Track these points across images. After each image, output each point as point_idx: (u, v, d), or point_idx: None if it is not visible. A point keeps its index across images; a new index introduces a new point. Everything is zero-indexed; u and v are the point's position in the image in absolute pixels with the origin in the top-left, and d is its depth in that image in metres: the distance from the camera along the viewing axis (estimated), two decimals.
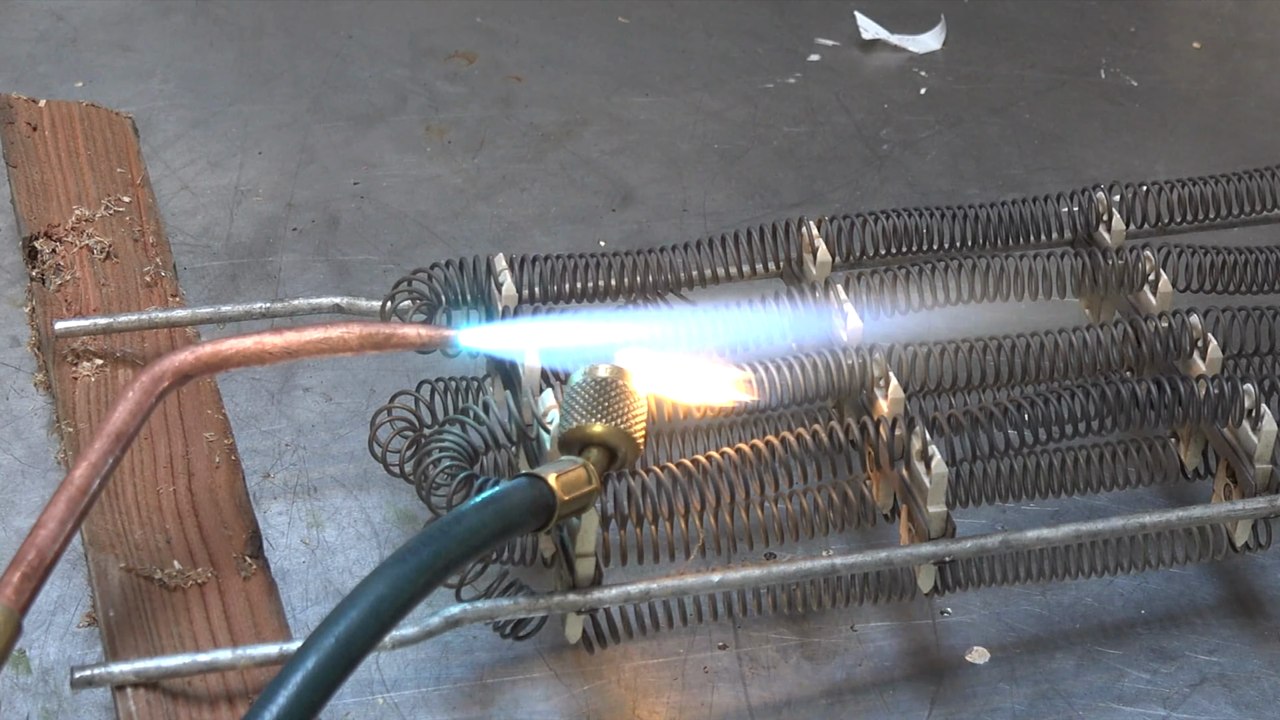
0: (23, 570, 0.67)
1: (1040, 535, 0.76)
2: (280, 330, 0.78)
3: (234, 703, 0.70)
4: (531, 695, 0.75)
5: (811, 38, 1.25)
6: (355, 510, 0.83)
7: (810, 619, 0.79)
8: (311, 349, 0.78)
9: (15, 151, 0.99)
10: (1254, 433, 0.77)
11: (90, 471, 0.71)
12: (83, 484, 0.70)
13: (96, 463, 0.71)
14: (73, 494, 0.70)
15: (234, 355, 0.77)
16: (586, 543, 0.71)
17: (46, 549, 0.68)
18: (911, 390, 0.79)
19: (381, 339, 0.79)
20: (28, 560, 0.67)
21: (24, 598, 0.67)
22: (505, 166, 1.10)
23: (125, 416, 0.73)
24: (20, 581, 0.67)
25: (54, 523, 0.69)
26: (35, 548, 0.68)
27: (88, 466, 0.71)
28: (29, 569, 0.67)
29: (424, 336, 0.79)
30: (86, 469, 0.71)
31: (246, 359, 0.77)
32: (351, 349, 0.78)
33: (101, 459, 0.71)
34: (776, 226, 0.86)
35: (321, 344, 0.78)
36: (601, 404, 0.70)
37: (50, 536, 0.68)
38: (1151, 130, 1.18)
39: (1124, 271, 0.86)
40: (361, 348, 0.78)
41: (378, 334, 0.79)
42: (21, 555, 0.67)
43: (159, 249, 0.94)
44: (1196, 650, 0.79)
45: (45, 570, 0.68)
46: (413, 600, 0.62)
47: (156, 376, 0.74)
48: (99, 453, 0.71)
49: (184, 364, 0.75)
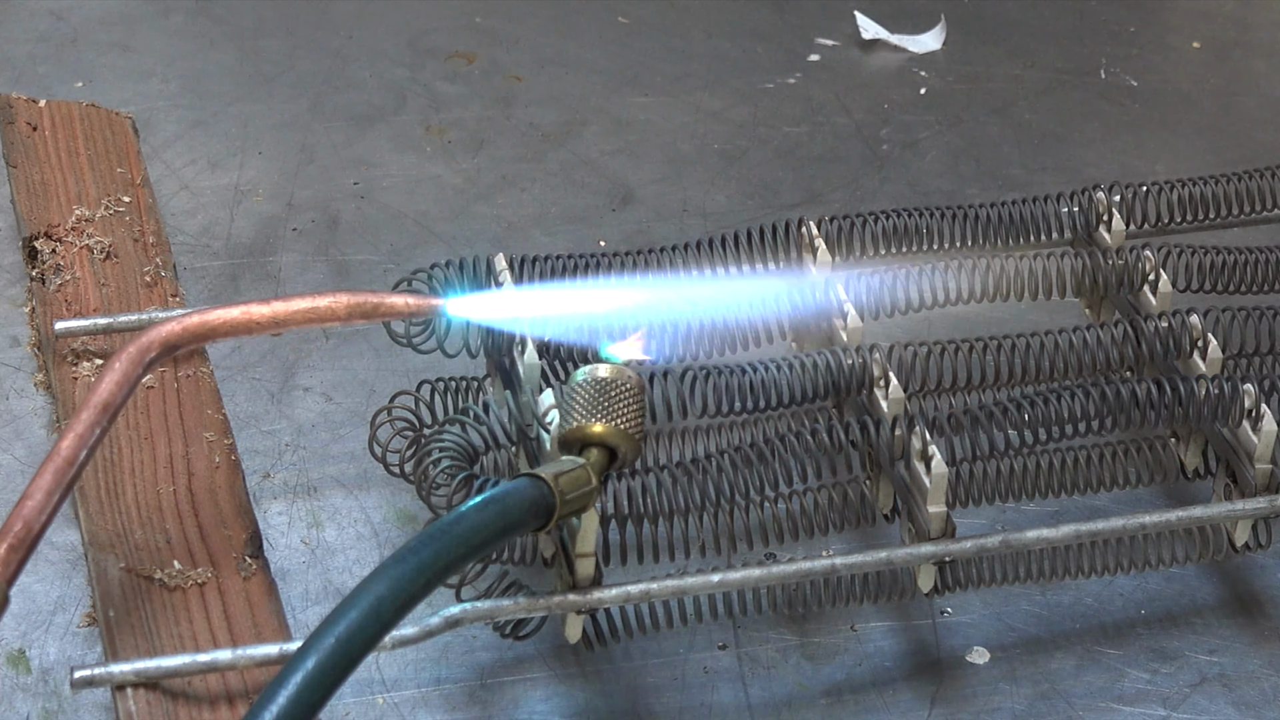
0: (9, 542, 0.66)
1: (1040, 535, 0.76)
2: (268, 300, 0.77)
3: (234, 703, 0.70)
4: (531, 695, 0.75)
5: (811, 38, 1.25)
6: (355, 510, 0.83)
7: (810, 619, 0.79)
8: (300, 319, 0.77)
9: (15, 151, 0.99)
10: (1254, 433, 0.77)
11: (77, 443, 0.70)
12: (69, 455, 0.70)
13: (83, 434, 0.70)
14: (59, 465, 0.69)
15: (221, 325, 0.76)
16: (586, 543, 0.71)
17: (34, 520, 0.67)
18: (911, 390, 0.79)
19: (370, 308, 0.78)
20: (14, 532, 0.67)
21: (10, 569, 0.66)
22: (505, 166, 1.10)
23: (111, 387, 0.72)
24: (6, 553, 0.66)
25: (40, 494, 0.68)
26: (22, 519, 0.67)
27: (74, 438, 0.70)
28: (15, 540, 0.67)
29: (412, 305, 0.78)
30: (73, 440, 0.70)
31: (234, 329, 0.76)
32: (340, 318, 0.77)
33: (88, 430, 0.70)
34: (776, 226, 0.86)
35: (310, 313, 0.77)
36: (601, 404, 0.70)
37: (37, 508, 0.68)
38: (1151, 130, 1.18)
39: (1124, 271, 0.86)
40: (350, 317, 0.77)
41: (365, 303, 0.77)
42: (8, 527, 0.67)
43: (159, 249, 0.94)
44: (1196, 650, 0.79)
45: (32, 542, 0.67)
46: (413, 600, 0.62)
47: (143, 347, 0.74)
48: (85, 424, 0.71)
49: (171, 334, 0.75)
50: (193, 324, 0.75)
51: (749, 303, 0.81)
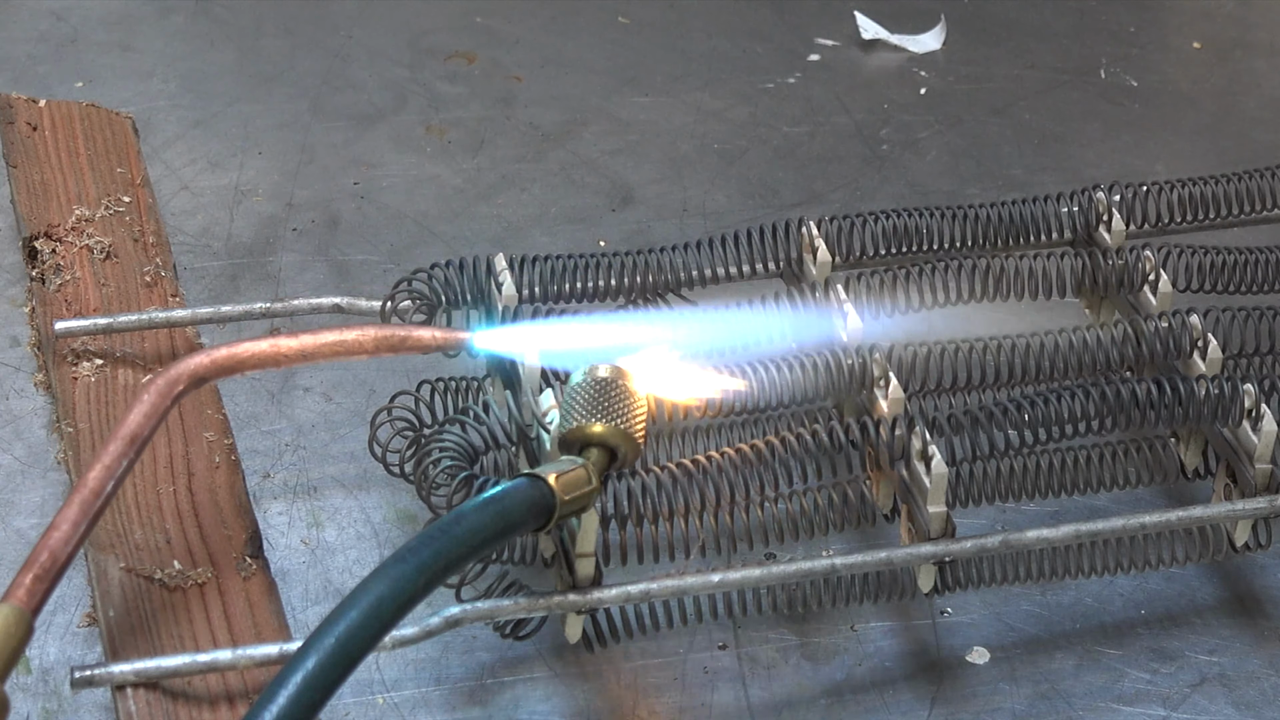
0: (35, 572, 0.67)
1: (1040, 535, 0.76)
2: (295, 333, 0.77)
3: (234, 703, 0.70)
4: (531, 695, 0.75)
5: (811, 38, 1.25)
6: (355, 510, 0.83)
7: (810, 619, 0.79)
8: (327, 352, 0.77)
9: (15, 151, 0.99)
10: (1254, 433, 0.77)
11: (104, 474, 0.70)
12: (96, 486, 0.70)
13: (111, 465, 0.71)
14: (86, 496, 0.70)
15: (249, 358, 0.76)
16: (586, 543, 0.71)
17: (59, 551, 0.68)
18: (911, 390, 0.79)
19: (396, 341, 0.78)
20: (40, 562, 0.67)
21: (36, 599, 0.66)
22: (505, 166, 1.10)
23: (140, 419, 0.72)
24: (33, 583, 0.66)
25: (67, 525, 0.69)
26: (48, 549, 0.68)
27: (102, 469, 0.70)
28: (41, 570, 0.67)
29: (439, 339, 0.78)
30: (100, 471, 0.70)
31: (261, 362, 0.76)
32: (367, 351, 0.77)
33: (116, 461, 0.71)
34: (776, 226, 0.86)
35: (337, 346, 0.77)
36: (601, 404, 0.70)
37: (63, 539, 0.68)
38: (1151, 130, 1.18)
39: (1124, 271, 0.86)
40: (377, 350, 0.77)
41: (393, 336, 0.78)
42: (34, 557, 0.67)
43: (159, 249, 0.94)
44: (1196, 650, 0.79)
45: (58, 572, 0.67)
46: (413, 600, 0.62)
47: (172, 380, 0.74)
48: (113, 455, 0.71)
49: (199, 367, 0.75)
50: (221, 357, 0.76)
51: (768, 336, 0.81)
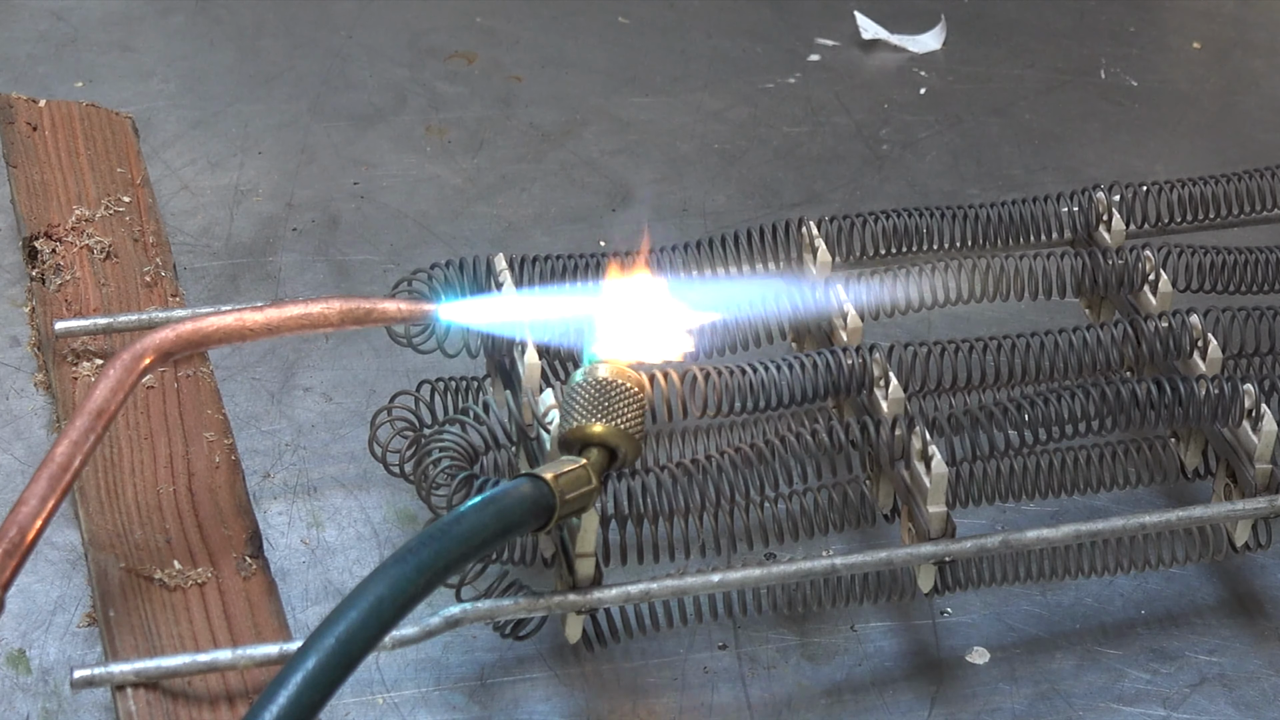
0: (4, 547, 0.67)
1: (1040, 535, 0.76)
2: (261, 307, 0.78)
3: (234, 703, 0.70)
4: (531, 695, 0.75)
5: (811, 38, 1.25)
6: (355, 510, 0.83)
7: (810, 619, 0.79)
8: (293, 325, 0.78)
9: (15, 151, 0.99)
10: (1254, 433, 0.77)
11: (71, 449, 0.71)
12: (64, 461, 0.70)
13: (78, 440, 0.71)
14: (54, 471, 0.70)
15: (215, 332, 0.77)
16: (586, 543, 0.71)
17: (28, 526, 0.68)
18: (911, 390, 0.79)
19: (362, 314, 0.79)
20: (9, 537, 0.68)
21: (5, 574, 0.67)
22: (505, 166, 1.10)
23: (106, 394, 0.73)
24: (2, 558, 0.67)
25: (35, 500, 0.69)
26: (17, 525, 0.68)
27: (69, 444, 0.71)
28: (10, 545, 0.67)
29: (404, 311, 0.79)
30: (68, 446, 0.71)
31: (228, 336, 0.77)
32: (332, 324, 0.78)
33: (82, 436, 0.71)
34: (776, 226, 0.86)
35: (303, 320, 0.78)
36: (601, 404, 0.70)
37: (32, 513, 0.69)
38: (1151, 130, 1.18)
39: (1124, 271, 0.86)
40: (342, 323, 0.78)
41: (358, 309, 0.79)
42: (3, 532, 0.68)
43: (159, 249, 0.94)
44: (1196, 650, 0.79)
45: (27, 547, 0.68)
46: (413, 600, 0.62)
47: (137, 354, 0.75)
48: (79, 430, 0.71)
49: (165, 341, 0.75)
50: (187, 331, 0.76)
51: (748, 302, 0.81)
